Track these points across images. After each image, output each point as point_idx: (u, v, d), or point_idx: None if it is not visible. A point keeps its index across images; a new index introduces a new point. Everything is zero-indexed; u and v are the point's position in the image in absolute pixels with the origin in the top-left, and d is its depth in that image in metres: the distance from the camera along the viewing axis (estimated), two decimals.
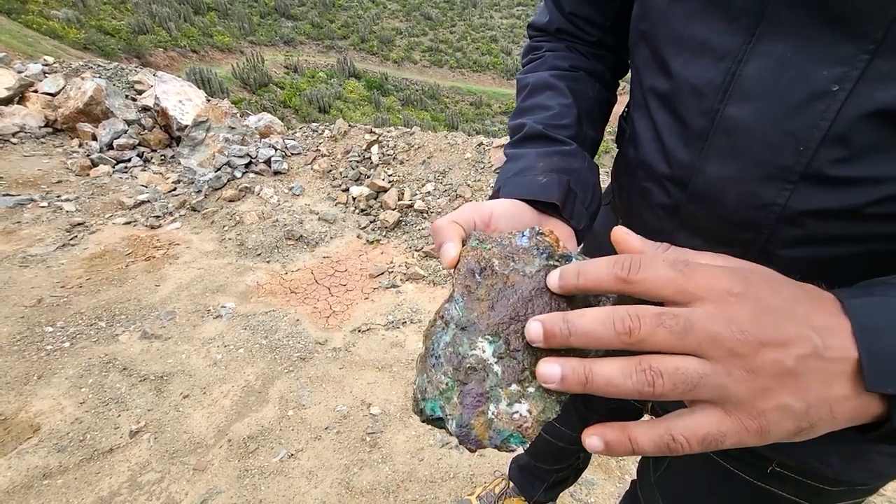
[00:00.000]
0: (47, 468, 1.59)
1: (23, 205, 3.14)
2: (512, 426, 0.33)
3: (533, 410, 0.34)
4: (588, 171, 0.51)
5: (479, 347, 0.35)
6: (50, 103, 4.35)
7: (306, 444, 1.73)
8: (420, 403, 0.35)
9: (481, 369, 0.34)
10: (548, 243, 0.38)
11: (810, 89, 0.35)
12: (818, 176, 0.37)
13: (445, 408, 0.34)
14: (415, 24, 33.39)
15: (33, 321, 2.22)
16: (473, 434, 0.33)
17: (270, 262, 2.83)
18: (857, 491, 0.55)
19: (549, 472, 1.27)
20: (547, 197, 0.45)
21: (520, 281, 0.36)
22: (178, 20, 22.34)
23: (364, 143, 3.71)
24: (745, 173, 0.40)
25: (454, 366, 0.35)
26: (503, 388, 0.34)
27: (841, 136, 0.35)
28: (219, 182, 3.45)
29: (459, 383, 0.34)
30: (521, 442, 0.33)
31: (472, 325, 0.35)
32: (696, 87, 0.42)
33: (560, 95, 0.56)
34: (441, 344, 0.35)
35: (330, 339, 2.26)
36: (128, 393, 1.90)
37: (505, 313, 0.35)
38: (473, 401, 0.34)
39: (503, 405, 0.34)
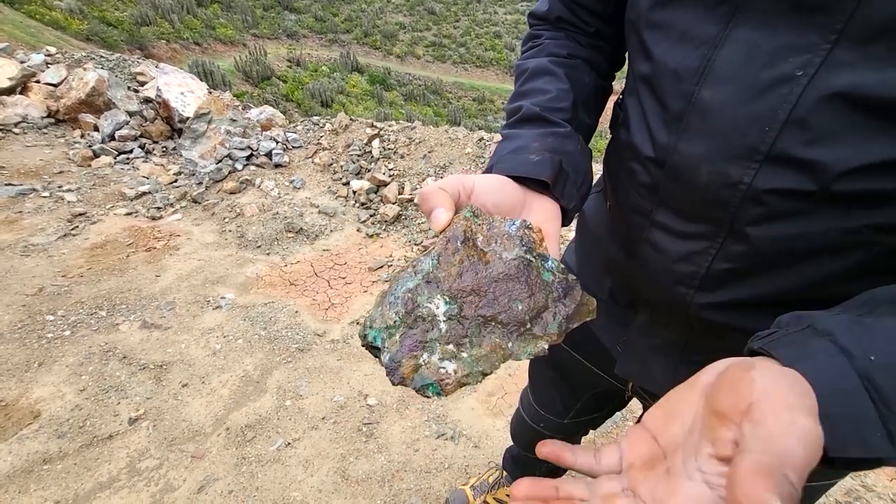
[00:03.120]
0: (47, 453, 1.62)
1: (25, 195, 3.16)
2: (434, 377, 0.37)
3: (458, 371, 0.37)
4: (581, 154, 0.53)
5: (435, 303, 0.38)
6: (52, 94, 4.36)
7: (303, 434, 1.75)
8: (366, 330, 0.38)
9: (429, 321, 0.38)
10: (532, 239, 0.41)
11: (777, 74, 0.37)
12: (781, 156, 0.39)
13: (386, 341, 0.38)
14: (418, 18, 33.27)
15: (34, 309, 2.24)
16: (400, 371, 0.37)
17: (270, 254, 2.84)
18: (830, 472, 0.56)
19: (538, 461, 1.28)
20: (538, 175, 0.47)
21: (494, 262, 0.39)
22: (181, 12, 22.26)
23: (365, 137, 3.71)
24: (715, 153, 0.42)
25: (407, 309, 0.38)
26: (441, 344, 0.37)
27: (802, 118, 0.37)
28: (220, 174, 3.46)
29: (406, 326, 0.38)
30: (436, 392, 0.37)
31: (437, 281, 0.39)
32: (676, 71, 0.44)
33: (558, 81, 0.57)
34: (403, 287, 0.39)
35: (328, 330, 2.28)
36: (127, 381, 1.92)
37: (469, 284, 0.39)
38: (412, 344, 0.37)
39: (435, 357, 0.37)
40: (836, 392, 0.28)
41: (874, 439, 0.27)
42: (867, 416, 0.27)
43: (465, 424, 1.80)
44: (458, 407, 1.88)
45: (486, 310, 0.38)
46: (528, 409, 1.11)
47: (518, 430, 1.23)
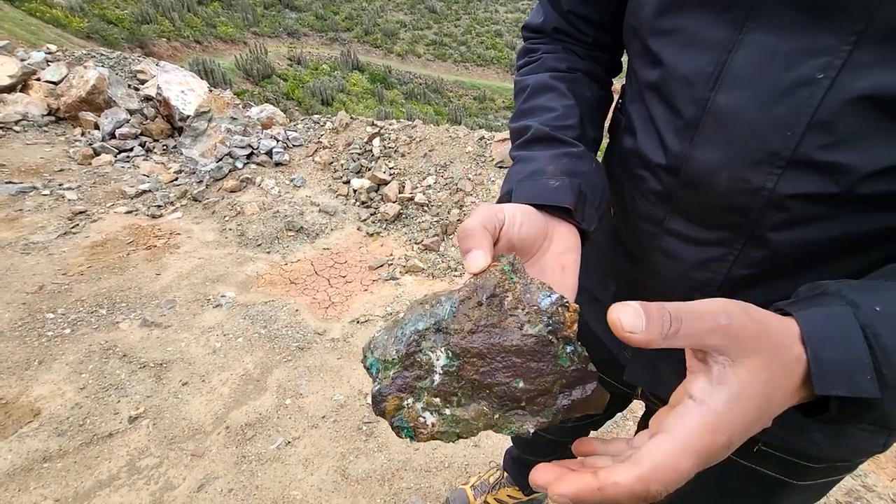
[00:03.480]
0: (47, 451, 1.62)
1: (25, 193, 3.16)
2: (412, 423, 0.37)
3: (435, 426, 0.37)
4: (596, 173, 0.52)
5: (437, 354, 0.37)
6: (52, 92, 4.35)
7: (303, 432, 1.75)
8: (367, 353, 0.39)
9: (425, 370, 0.37)
10: (562, 320, 0.37)
11: (796, 77, 0.37)
12: (805, 161, 0.38)
13: (380, 373, 0.38)
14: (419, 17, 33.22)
15: (35, 307, 2.24)
16: (383, 405, 0.37)
17: (271, 252, 2.84)
18: (839, 468, 0.57)
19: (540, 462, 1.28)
20: (560, 202, 0.46)
21: (512, 332, 0.37)
22: (182, 10, 22.23)
23: (365, 136, 3.71)
24: (735, 159, 0.42)
25: (409, 351, 0.37)
26: (428, 394, 0.37)
27: (826, 121, 0.36)
28: (220, 172, 3.46)
29: (402, 366, 0.38)
30: (409, 436, 0.37)
31: (446, 333, 0.37)
32: (688, 77, 0.43)
33: (562, 97, 0.56)
34: (413, 327, 0.38)
35: (328, 329, 2.27)
36: (127, 379, 1.92)
37: (478, 346, 0.37)
38: (401, 384, 0.37)
39: (418, 405, 0.37)
40: (830, 336, 0.30)
41: (862, 380, 0.29)
42: (859, 359, 0.29)
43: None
44: None
45: (486, 377, 0.37)
46: None
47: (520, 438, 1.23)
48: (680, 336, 0.31)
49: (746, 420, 0.30)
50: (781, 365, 0.31)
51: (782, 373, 0.31)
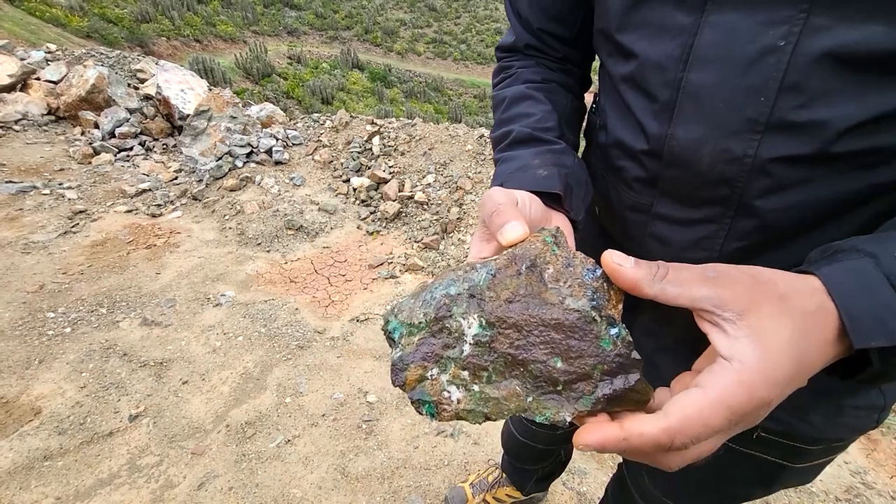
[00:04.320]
0: (48, 450, 1.62)
1: (25, 192, 3.16)
2: (434, 398, 0.34)
3: (461, 402, 0.34)
4: (580, 168, 0.54)
5: (469, 321, 0.34)
6: (52, 91, 4.35)
7: (303, 431, 1.75)
8: (390, 316, 0.36)
9: (455, 338, 0.34)
10: (607, 296, 0.35)
11: (760, 47, 0.38)
12: (781, 123, 0.40)
13: (404, 338, 0.35)
14: (419, 15, 33.16)
15: (35, 307, 2.24)
16: (404, 375, 0.34)
17: (270, 251, 2.84)
18: (834, 448, 0.59)
19: (534, 470, 1.29)
20: (551, 188, 0.47)
21: (553, 304, 0.34)
22: (182, 9, 22.21)
23: (365, 134, 3.71)
24: (714, 131, 0.43)
25: (438, 315, 0.34)
26: (456, 366, 0.34)
27: (795, 83, 0.38)
28: (220, 171, 3.46)
29: (429, 332, 0.34)
30: (430, 413, 0.34)
31: (481, 299, 0.34)
32: (659, 62, 0.45)
33: (539, 103, 0.59)
34: (444, 290, 0.35)
35: (328, 328, 2.28)
36: (128, 378, 1.92)
37: (515, 316, 0.34)
38: (427, 353, 0.34)
39: (444, 378, 0.34)
40: (857, 289, 0.30)
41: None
42: (891, 306, 0.29)
43: (465, 422, 1.80)
44: None
45: (521, 352, 0.33)
46: (517, 425, 1.10)
47: (510, 446, 1.23)
48: (669, 281, 0.32)
49: (781, 374, 0.29)
50: (801, 313, 0.30)
51: (807, 322, 0.30)
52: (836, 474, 1.68)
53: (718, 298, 0.31)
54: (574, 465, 1.66)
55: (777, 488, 0.65)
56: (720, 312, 0.31)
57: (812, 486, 1.64)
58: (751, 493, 0.68)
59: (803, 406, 0.53)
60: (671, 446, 0.29)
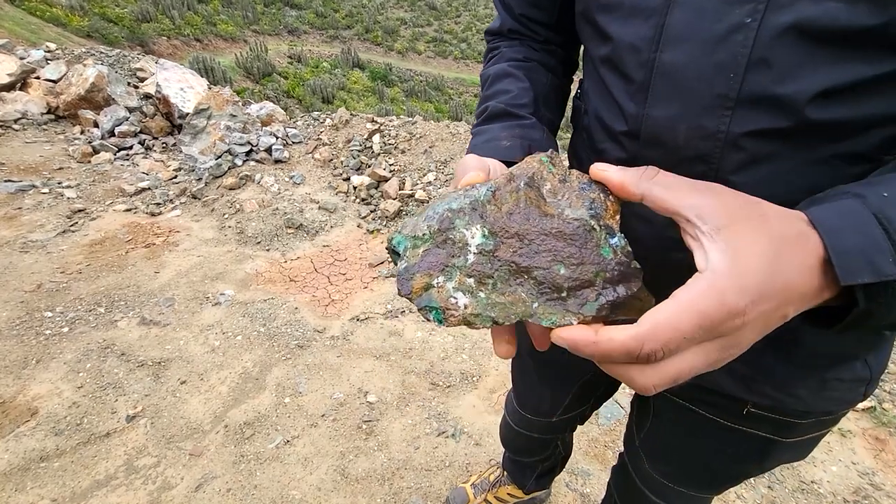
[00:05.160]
0: (44, 451, 1.60)
1: (24, 191, 3.14)
2: (441, 304, 0.34)
3: (468, 308, 0.34)
4: (547, 142, 0.57)
5: (472, 231, 0.35)
6: (52, 90, 4.33)
7: (302, 431, 1.73)
8: (393, 234, 0.37)
9: (459, 248, 0.35)
10: (604, 206, 0.36)
11: (728, 25, 0.40)
12: (751, 98, 0.41)
13: (408, 250, 0.36)
14: (419, 14, 33.11)
15: (33, 306, 2.23)
16: (410, 284, 0.35)
17: (270, 250, 2.82)
18: (825, 421, 0.61)
19: (533, 464, 1.27)
20: (511, 157, 0.50)
21: (552, 215, 0.36)
22: (182, 8, 22.18)
23: (365, 133, 3.68)
24: (688, 109, 0.44)
25: (441, 227, 0.36)
26: (461, 274, 0.35)
27: (762, 58, 0.39)
28: (219, 170, 3.44)
29: (433, 243, 0.36)
30: (438, 319, 0.34)
31: (482, 211, 0.36)
32: (633, 43, 0.46)
33: (518, 80, 0.62)
34: (446, 206, 0.36)
35: (328, 327, 2.26)
36: (125, 378, 1.90)
37: (516, 226, 0.35)
38: (431, 262, 0.35)
39: (450, 284, 0.35)
40: (844, 226, 0.30)
41: (885, 264, 0.29)
42: (878, 244, 0.30)
43: (467, 422, 1.78)
44: (459, 404, 1.86)
45: (524, 259, 0.35)
46: (514, 415, 1.10)
47: (507, 437, 1.22)
48: (657, 182, 0.33)
49: (752, 281, 0.29)
50: (779, 234, 0.30)
51: (785, 243, 0.30)
52: (844, 475, 1.66)
53: (701, 209, 0.31)
54: (577, 467, 1.63)
55: (771, 464, 0.67)
56: (700, 224, 0.31)
57: (820, 487, 1.62)
58: (746, 469, 0.70)
59: (790, 382, 0.55)
60: (640, 353, 0.29)
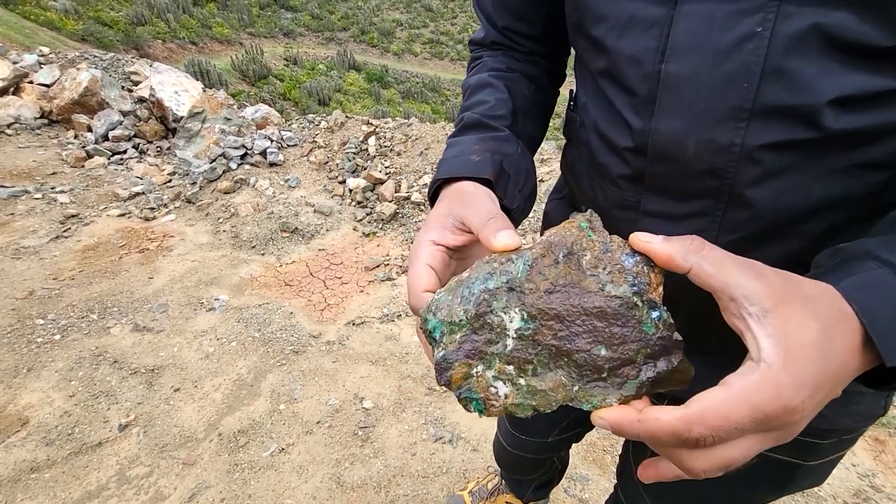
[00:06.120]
0: (35, 462, 1.58)
1: (17, 196, 3.11)
2: (482, 394, 0.34)
3: (509, 398, 0.34)
4: (521, 157, 0.55)
5: (510, 315, 0.34)
6: (45, 94, 4.30)
7: (297, 439, 1.71)
8: (428, 314, 0.35)
9: (497, 332, 0.34)
10: (648, 280, 0.35)
11: (738, 34, 0.38)
12: (767, 109, 0.39)
13: (445, 336, 0.35)
14: (415, 15, 33.11)
15: (24, 313, 2.20)
16: (449, 374, 0.34)
17: (265, 254, 2.80)
18: (844, 441, 0.59)
19: (530, 480, 1.26)
20: (480, 173, 0.48)
21: (593, 292, 0.34)
22: (177, 11, 22.13)
23: (361, 135, 3.66)
24: (697, 122, 0.42)
25: (478, 311, 0.34)
26: (501, 362, 0.34)
27: (777, 67, 0.37)
28: (214, 174, 3.42)
29: (471, 328, 0.34)
30: (479, 410, 0.34)
31: (521, 291, 0.34)
32: (634, 55, 0.44)
33: (497, 91, 0.60)
34: (482, 285, 0.35)
35: (324, 332, 2.23)
36: (118, 386, 1.88)
37: (556, 307, 0.34)
38: (470, 350, 0.34)
39: (490, 374, 0.34)
40: (880, 304, 0.30)
41: None
42: None
43: (464, 427, 1.77)
44: (457, 409, 1.84)
45: (564, 343, 0.34)
46: (506, 436, 1.08)
47: (500, 455, 1.20)
48: (704, 257, 0.31)
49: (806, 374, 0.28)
50: (825, 318, 0.29)
51: (831, 327, 0.29)
52: (844, 477, 1.65)
53: (750, 289, 0.30)
54: (576, 472, 1.62)
55: (790, 490, 0.64)
56: (747, 305, 0.30)
57: (820, 489, 1.61)
58: (764, 498, 0.67)
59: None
60: (689, 436, 0.28)
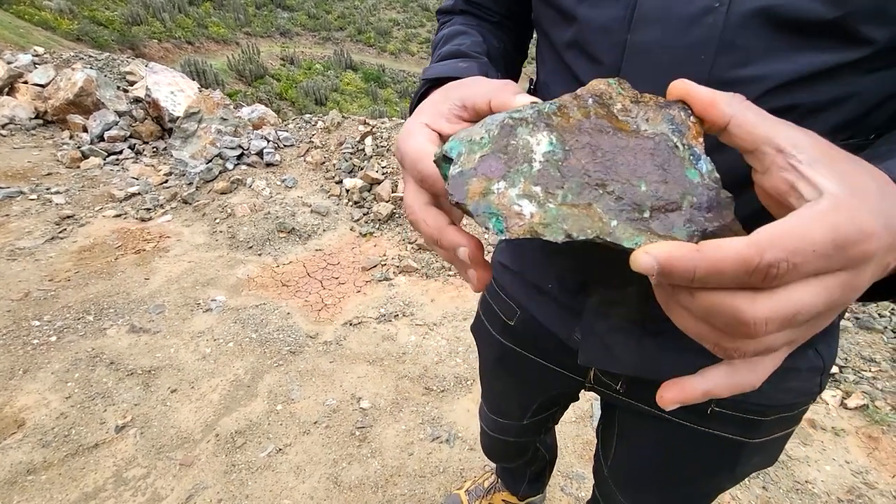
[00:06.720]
0: (31, 464, 1.57)
1: (12, 197, 3.10)
2: (503, 211, 0.29)
3: (536, 217, 0.29)
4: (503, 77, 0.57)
5: (537, 138, 0.31)
6: (40, 94, 4.29)
7: (294, 439, 1.71)
8: (446, 142, 0.32)
9: (522, 154, 0.30)
10: (686, 124, 0.31)
11: (699, 8, 0.40)
12: (720, 80, 0.41)
13: (463, 155, 0.31)
14: (412, 15, 33.08)
15: (20, 315, 2.19)
16: (465, 189, 0.30)
17: (262, 254, 2.80)
18: (786, 419, 0.61)
19: (520, 469, 1.26)
20: (468, 74, 0.49)
21: (627, 131, 0.31)
22: (173, 11, 22.05)
23: (358, 135, 3.66)
24: (660, 90, 0.44)
25: (502, 132, 0.31)
26: (526, 182, 0.30)
27: (730, 41, 0.40)
28: (210, 174, 3.41)
29: (493, 148, 0.31)
30: (499, 228, 0.29)
31: (548, 120, 0.31)
32: (604, 25, 0.46)
33: (473, 37, 0.62)
34: (507, 115, 0.32)
35: (321, 332, 2.24)
36: (114, 387, 1.88)
37: (587, 139, 0.30)
38: (491, 168, 0.30)
39: (513, 192, 0.30)
40: None
41: None
42: None
43: (461, 426, 1.77)
44: (454, 408, 1.84)
45: (599, 172, 0.29)
46: (486, 420, 1.09)
47: (485, 443, 1.20)
48: (748, 107, 0.29)
49: (879, 207, 0.26)
50: (876, 177, 0.28)
51: (883, 186, 0.27)
52: (838, 474, 1.66)
53: (798, 139, 0.28)
54: (572, 471, 1.62)
55: (742, 469, 0.66)
56: (797, 154, 0.27)
57: (814, 486, 1.62)
58: (720, 481, 0.69)
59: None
60: (760, 263, 0.24)
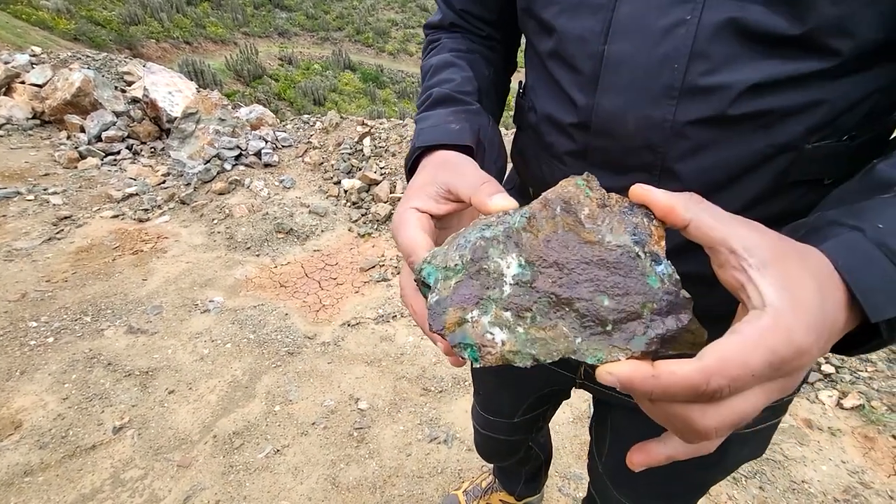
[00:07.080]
0: (28, 465, 1.57)
1: (9, 198, 3.10)
2: (477, 340, 0.32)
3: (506, 344, 0.31)
4: (493, 129, 0.57)
5: (507, 261, 0.33)
6: (37, 95, 4.28)
7: (292, 440, 1.71)
8: (423, 264, 0.35)
9: (494, 279, 0.33)
10: (648, 231, 0.33)
11: (672, 20, 0.43)
12: (693, 88, 0.43)
13: (439, 282, 0.34)
14: (410, 15, 33.08)
15: (17, 316, 2.19)
16: (443, 319, 0.33)
17: (260, 255, 2.80)
18: (772, 409, 0.61)
19: (515, 468, 1.27)
20: (461, 140, 0.50)
21: (593, 242, 0.32)
22: (171, 11, 22.01)
23: (356, 136, 3.66)
24: (636, 99, 0.46)
25: (474, 257, 0.33)
26: (497, 307, 0.32)
27: (701, 51, 0.42)
28: (208, 175, 3.41)
29: (466, 274, 0.33)
30: (474, 357, 0.32)
31: (517, 240, 0.33)
32: (581, 36, 0.48)
33: (462, 70, 0.62)
34: (478, 234, 0.34)
35: (319, 333, 2.24)
36: (112, 388, 1.87)
37: (554, 255, 0.32)
38: (465, 296, 0.33)
39: (485, 319, 0.32)
40: (860, 264, 0.31)
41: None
42: (892, 278, 0.30)
43: (459, 427, 1.77)
44: (451, 409, 1.84)
45: (565, 290, 0.32)
46: (478, 418, 1.10)
47: (478, 442, 1.21)
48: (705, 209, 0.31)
49: (814, 321, 0.28)
50: (819, 274, 0.30)
51: (824, 281, 0.30)
52: (834, 474, 1.67)
53: (750, 241, 0.30)
54: (570, 471, 1.63)
55: (731, 461, 0.67)
56: (747, 257, 0.29)
57: (810, 486, 1.62)
58: (710, 474, 0.70)
59: None
60: (707, 388, 0.27)
